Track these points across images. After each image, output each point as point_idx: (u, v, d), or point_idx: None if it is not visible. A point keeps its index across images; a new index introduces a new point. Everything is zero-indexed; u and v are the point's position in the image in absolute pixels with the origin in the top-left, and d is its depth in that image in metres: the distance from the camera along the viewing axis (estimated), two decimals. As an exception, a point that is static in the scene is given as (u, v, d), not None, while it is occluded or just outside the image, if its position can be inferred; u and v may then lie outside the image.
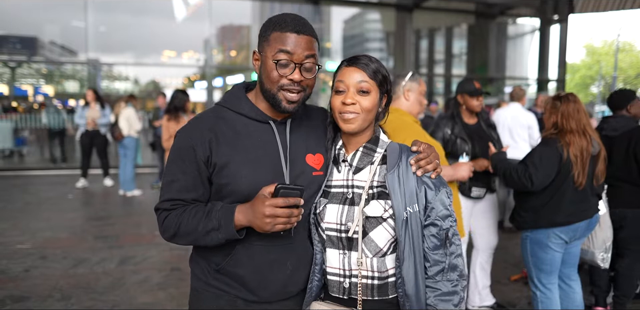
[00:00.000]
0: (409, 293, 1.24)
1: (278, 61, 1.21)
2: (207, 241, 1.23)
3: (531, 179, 2.45)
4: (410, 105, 2.43)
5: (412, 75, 2.45)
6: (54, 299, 3.32)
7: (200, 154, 1.25)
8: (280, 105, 1.25)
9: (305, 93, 1.27)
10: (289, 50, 1.20)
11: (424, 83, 2.50)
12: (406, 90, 2.43)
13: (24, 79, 11.89)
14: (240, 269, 1.28)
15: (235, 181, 1.24)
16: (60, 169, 9.70)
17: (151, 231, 5.11)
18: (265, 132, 1.30)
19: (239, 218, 1.18)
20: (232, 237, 1.20)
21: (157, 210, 1.31)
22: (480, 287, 3.26)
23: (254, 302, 1.31)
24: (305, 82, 1.24)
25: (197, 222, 1.21)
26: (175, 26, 11.50)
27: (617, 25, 63.91)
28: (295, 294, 1.36)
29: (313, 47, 1.25)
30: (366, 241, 1.25)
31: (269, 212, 1.11)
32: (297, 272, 1.33)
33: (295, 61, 1.21)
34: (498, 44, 13.57)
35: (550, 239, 2.53)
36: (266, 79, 1.25)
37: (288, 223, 1.14)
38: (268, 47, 1.24)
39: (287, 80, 1.22)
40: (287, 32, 1.21)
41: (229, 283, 1.30)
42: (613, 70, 30.50)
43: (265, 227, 1.13)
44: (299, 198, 1.14)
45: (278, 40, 1.22)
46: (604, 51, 36.92)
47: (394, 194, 1.23)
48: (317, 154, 1.35)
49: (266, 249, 1.28)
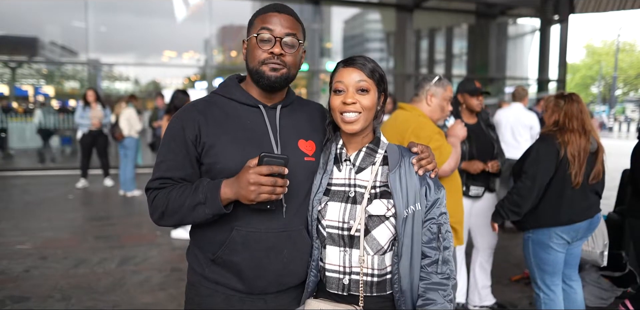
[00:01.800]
0: (404, 289, 1.28)
1: (258, 35, 1.27)
2: (194, 217, 1.23)
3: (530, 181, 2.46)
4: (431, 111, 2.41)
5: (439, 79, 2.42)
6: (54, 299, 3.32)
7: (189, 133, 1.28)
8: (264, 76, 1.29)
9: (287, 70, 1.30)
10: (269, 27, 1.27)
11: (451, 89, 2.46)
12: (430, 94, 2.41)
13: (24, 79, 11.89)
14: (235, 256, 1.28)
15: (224, 159, 1.27)
16: (60, 169, 9.70)
17: (152, 231, 5.10)
18: (254, 115, 1.34)
19: (225, 191, 1.19)
20: (218, 211, 1.20)
21: (147, 190, 1.33)
22: (479, 286, 3.25)
23: (249, 294, 1.32)
24: (286, 58, 1.29)
25: (184, 198, 1.23)
26: (176, 26, 11.49)
27: (617, 26, 64.00)
28: (290, 286, 1.36)
29: (295, 26, 1.31)
30: (368, 239, 1.28)
31: (253, 179, 1.13)
32: (294, 262, 1.33)
33: (276, 36, 1.27)
34: (498, 44, 13.57)
35: (552, 240, 2.52)
36: (250, 58, 1.31)
37: (273, 193, 1.15)
38: (252, 30, 1.31)
39: (268, 54, 1.27)
40: (268, 12, 1.30)
41: (224, 274, 1.31)
42: (613, 71, 30.54)
43: (250, 196, 1.14)
44: (283, 167, 1.15)
45: (260, 20, 1.30)
46: (604, 51, 36.94)
47: (396, 193, 1.26)
48: (309, 141, 1.38)
49: (262, 236, 1.28)
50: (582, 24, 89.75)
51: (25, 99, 11.80)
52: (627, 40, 40.47)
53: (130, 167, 7.19)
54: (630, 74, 35.54)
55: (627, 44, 35.91)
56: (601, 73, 35.04)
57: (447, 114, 2.52)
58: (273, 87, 1.32)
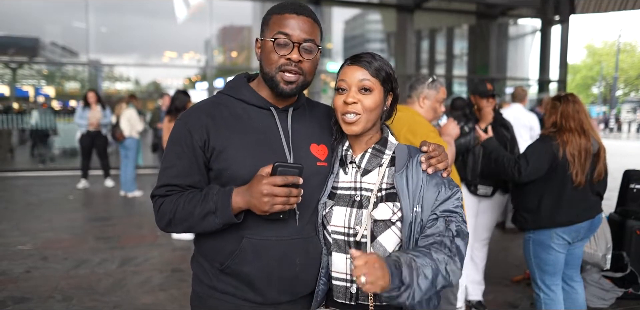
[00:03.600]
0: None
1: (275, 40, 1.20)
2: (203, 227, 1.19)
3: (519, 170, 2.49)
4: (424, 112, 2.42)
5: (432, 82, 2.41)
6: (54, 299, 3.31)
7: (196, 138, 1.22)
8: (278, 87, 1.23)
9: (304, 77, 1.25)
10: (287, 32, 1.20)
11: (444, 90, 2.45)
12: (422, 97, 2.41)
13: (25, 80, 11.89)
14: (246, 266, 1.22)
15: (235, 165, 1.21)
16: (61, 170, 9.70)
17: (152, 232, 5.10)
18: (265, 118, 1.28)
19: (237, 200, 1.14)
20: (229, 221, 1.15)
21: (153, 197, 1.28)
22: (467, 280, 3.26)
23: (261, 304, 1.26)
24: (304, 64, 1.23)
25: (193, 206, 1.18)
26: (176, 27, 11.49)
27: (618, 26, 63.96)
28: (302, 295, 1.31)
29: (313, 30, 1.23)
30: (375, 245, 1.22)
31: (266, 190, 1.08)
32: (306, 271, 1.27)
33: (294, 41, 1.20)
34: (499, 45, 13.55)
35: (552, 240, 2.52)
36: (266, 61, 1.24)
37: (287, 203, 1.11)
38: (268, 31, 1.23)
39: (285, 60, 1.21)
40: (285, 13, 1.21)
41: (234, 284, 1.26)
42: (614, 71, 30.52)
43: (264, 207, 1.09)
44: (298, 177, 1.10)
45: (277, 22, 1.22)
46: (605, 52, 36.92)
47: (402, 194, 1.20)
48: (321, 145, 1.32)
49: (273, 244, 1.23)
50: (583, 24, 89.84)
51: (25, 99, 11.81)
52: (628, 40, 40.45)
53: (131, 168, 7.19)
54: (631, 74, 35.51)
55: (628, 45, 35.89)
56: (602, 74, 35.01)
57: (440, 115, 2.51)
58: (288, 97, 1.28)
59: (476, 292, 3.32)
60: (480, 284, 3.34)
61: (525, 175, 2.48)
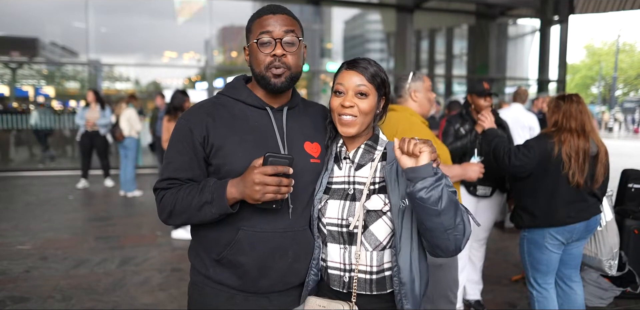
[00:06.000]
0: (404, 281, 1.26)
1: (258, 40, 1.28)
2: (201, 217, 1.25)
3: (509, 157, 2.50)
4: (419, 105, 2.44)
5: (414, 74, 2.47)
6: (54, 299, 3.32)
7: (197, 135, 1.30)
8: (269, 83, 1.31)
9: (291, 72, 1.31)
10: (268, 30, 1.28)
11: (427, 78, 2.50)
12: (412, 91, 2.43)
13: (24, 79, 11.89)
14: (242, 256, 1.30)
15: (232, 161, 1.29)
16: (61, 170, 9.71)
17: (152, 232, 5.11)
18: (261, 117, 1.36)
19: (231, 191, 1.21)
20: (224, 210, 1.22)
21: (155, 190, 1.35)
22: (465, 279, 3.27)
23: (253, 293, 1.34)
24: (287, 58, 1.29)
25: (192, 197, 1.25)
26: (176, 27, 11.50)
27: (617, 26, 63.92)
28: (293, 286, 1.38)
29: (292, 24, 1.31)
30: (366, 235, 1.28)
31: (258, 179, 1.14)
32: (298, 262, 1.35)
33: (275, 37, 1.28)
34: (498, 45, 13.56)
35: (546, 240, 2.53)
36: (254, 63, 1.32)
37: (278, 192, 1.16)
38: (251, 35, 1.32)
39: (271, 57, 1.29)
40: (263, 15, 1.31)
41: (229, 275, 1.33)
42: (613, 71, 30.50)
43: (255, 195, 1.16)
44: (288, 167, 1.17)
45: (258, 25, 1.31)
46: (604, 52, 36.91)
47: (390, 185, 1.27)
48: (314, 143, 1.40)
49: (268, 236, 1.30)
50: (582, 24, 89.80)
51: (25, 99, 11.81)
52: (627, 40, 40.52)
53: (131, 168, 7.20)
54: (630, 74, 35.51)
55: (627, 45, 35.88)
56: (601, 73, 35.00)
57: (434, 101, 2.56)
58: (280, 91, 1.34)
59: (474, 292, 3.33)
60: (478, 284, 3.35)
61: (514, 164, 2.48)
